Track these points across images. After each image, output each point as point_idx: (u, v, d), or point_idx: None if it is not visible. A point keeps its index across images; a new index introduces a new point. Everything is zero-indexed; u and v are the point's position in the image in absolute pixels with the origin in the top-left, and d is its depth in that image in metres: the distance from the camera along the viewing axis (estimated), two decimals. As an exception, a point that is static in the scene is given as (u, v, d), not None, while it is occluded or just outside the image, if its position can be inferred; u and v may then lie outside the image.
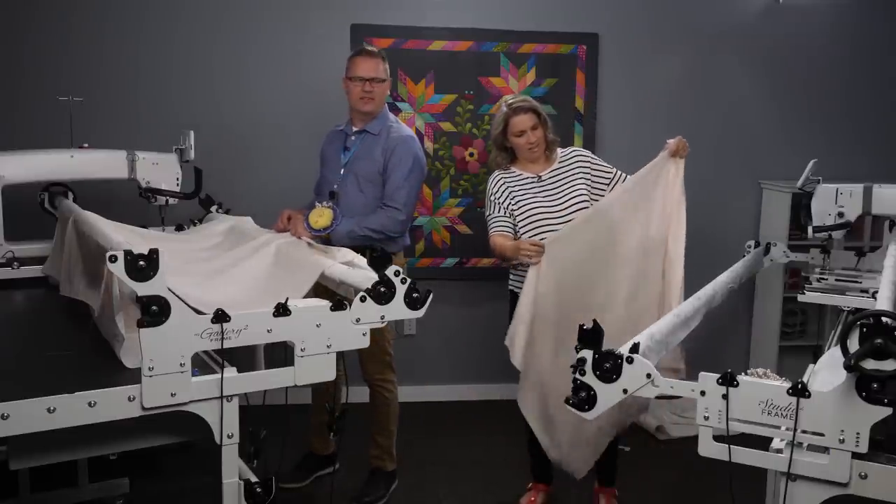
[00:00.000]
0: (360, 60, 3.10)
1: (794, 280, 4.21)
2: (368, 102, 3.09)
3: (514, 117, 3.02)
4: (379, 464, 3.30)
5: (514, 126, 3.02)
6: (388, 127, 3.14)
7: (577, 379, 1.78)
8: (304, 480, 3.40)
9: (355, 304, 2.04)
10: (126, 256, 1.76)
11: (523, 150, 3.05)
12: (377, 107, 3.13)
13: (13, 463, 1.92)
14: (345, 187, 3.09)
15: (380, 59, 3.12)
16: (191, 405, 1.87)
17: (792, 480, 1.64)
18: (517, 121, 3.01)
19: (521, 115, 3.01)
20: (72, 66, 3.93)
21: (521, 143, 3.03)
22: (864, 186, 3.08)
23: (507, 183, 3.08)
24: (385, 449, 3.28)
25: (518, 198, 3.04)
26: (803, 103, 4.45)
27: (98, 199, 3.20)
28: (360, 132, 3.15)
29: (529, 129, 3.01)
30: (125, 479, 3.10)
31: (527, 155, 3.07)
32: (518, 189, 3.05)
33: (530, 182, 3.06)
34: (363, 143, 3.12)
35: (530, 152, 3.05)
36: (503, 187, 3.07)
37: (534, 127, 3.02)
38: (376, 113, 3.14)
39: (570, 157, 3.11)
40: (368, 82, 3.07)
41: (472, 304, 4.37)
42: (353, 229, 2.94)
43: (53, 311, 2.59)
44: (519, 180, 3.08)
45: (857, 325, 1.56)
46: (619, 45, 4.28)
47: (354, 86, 3.09)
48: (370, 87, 3.07)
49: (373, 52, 3.14)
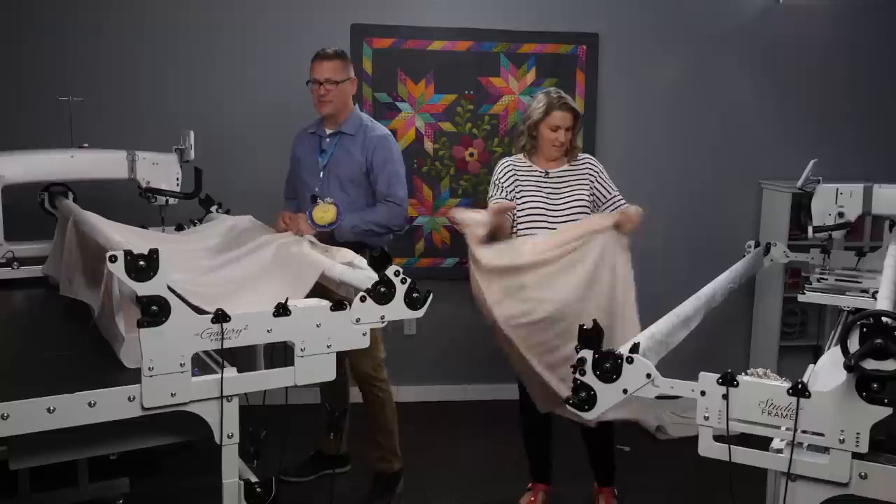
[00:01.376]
0: (314, 64, 3.09)
1: (794, 280, 4.20)
2: (325, 105, 3.08)
3: (558, 111, 3.00)
4: (383, 466, 3.26)
5: (553, 118, 3.00)
6: (363, 127, 3.14)
7: (577, 379, 1.78)
8: (308, 476, 3.43)
9: (355, 304, 2.04)
10: (126, 256, 1.76)
11: (547, 144, 3.04)
12: (336, 108, 3.11)
13: (13, 463, 1.91)
14: (325, 190, 3.09)
15: (337, 60, 3.09)
16: (191, 405, 1.88)
17: (792, 480, 1.64)
18: (559, 115, 3.00)
19: (564, 112, 3.01)
20: (72, 66, 3.93)
21: (550, 138, 3.02)
22: (864, 186, 3.07)
23: (516, 171, 3.08)
24: (389, 449, 3.26)
25: (522, 188, 3.05)
26: (803, 103, 4.45)
27: (98, 199, 3.20)
28: (335, 134, 3.15)
29: (565, 128, 3.01)
30: (125, 479, 3.10)
31: (547, 151, 3.05)
32: (524, 179, 3.06)
33: (537, 175, 3.07)
34: (340, 144, 3.12)
35: (552, 149, 3.04)
36: (510, 174, 3.08)
37: (568, 128, 3.02)
38: (339, 114, 3.13)
39: (581, 162, 3.12)
40: (322, 85, 3.06)
41: (472, 304, 4.35)
42: (358, 224, 2.95)
43: (53, 311, 2.59)
44: (527, 171, 3.08)
45: (857, 325, 1.56)
46: (619, 45, 4.28)
47: (312, 89, 3.09)
48: (324, 91, 3.06)
49: (328, 54, 3.10)
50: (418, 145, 4.18)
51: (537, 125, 3.04)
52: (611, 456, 3.17)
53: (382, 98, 4.14)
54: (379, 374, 3.21)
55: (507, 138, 4.22)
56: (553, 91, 3.08)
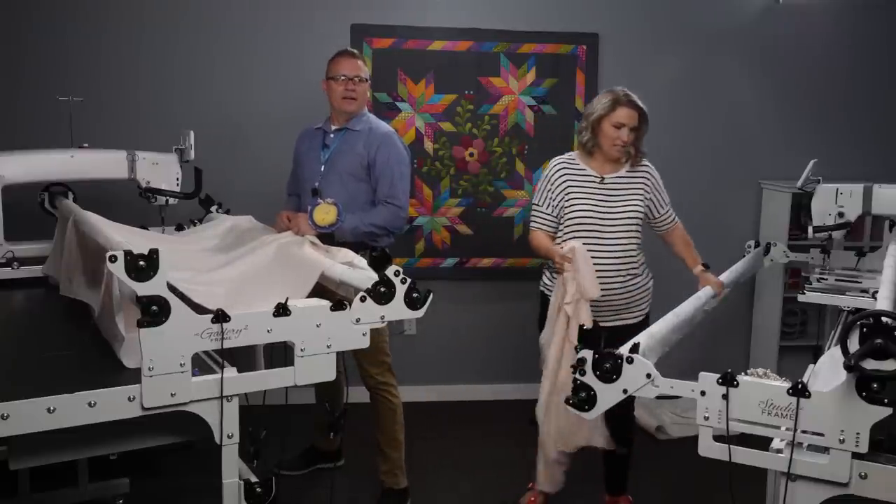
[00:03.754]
0: (342, 60, 3.11)
1: (794, 280, 4.21)
2: (351, 102, 3.09)
3: (624, 107, 2.90)
4: (391, 481, 3.21)
5: (617, 115, 2.89)
6: (368, 123, 3.15)
7: (576, 379, 1.78)
8: (303, 469, 3.45)
9: (355, 304, 2.04)
10: (126, 256, 1.76)
11: (609, 142, 2.92)
12: (360, 107, 3.13)
13: (13, 463, 1.91)
14: (327, 184, 3.08)
15: (361, 61, 3.15)
16: (191, 405, 1.87)
17: (792, 480, 1.64)
18: (624, 112, 2.89)
19: (630, 109, 2.90)
20: (72, 66, 3.93)
21: (613, 136, 2.90)
22: (864, 186, 3.08)
23: (568, 176, 2.98)
24: (395, 463, 3.20)
25: (573, 195, 2.96)
26: (803, 103, 4.45)
27: (98, 199, 3.20)
28: (341, 129, 3.15)
29: (629, 127, 2.91)
30: (125, 479, 3.10)
31: (608, 149, 2.94)
32: (576, 185, 2.97)
33: (591, 181, 2.97)
34: (344, 139, 3.12)
35: (613, 148, 2.92)
36: (562, 180, 2.98)
37: (633, 128, 2.91)
38: (358, 113, 3.15)
39: (639, 170, 3.02)
40: (351, 81, 3.07)
41: (472, 304, 4.37)
42: (358, 225, 2.95)
43: (53, 311, 2.59)
44: (581, 176, 2.98)
45: (857, 325, 1.56)
46: (619, 45, 4.28)
47: (337, 85, 3.08)
48: (353, 87, 3.07)
49: (355, 53, 3.17)
50: (418, 145, 4.18)
51: (601, 121, 2.92)
52: (623, 464, 3.17)
53: (382, 98, 4.14)
54: (388, 378, 3.18)
55: (507, 138, 4.23)
56: (620, 88, 2.96)
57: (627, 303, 3.01)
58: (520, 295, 4.29)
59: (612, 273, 2.94)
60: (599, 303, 2.87)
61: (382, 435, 3.20)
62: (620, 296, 2.98)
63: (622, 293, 2.98)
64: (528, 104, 4.23)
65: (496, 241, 4.29)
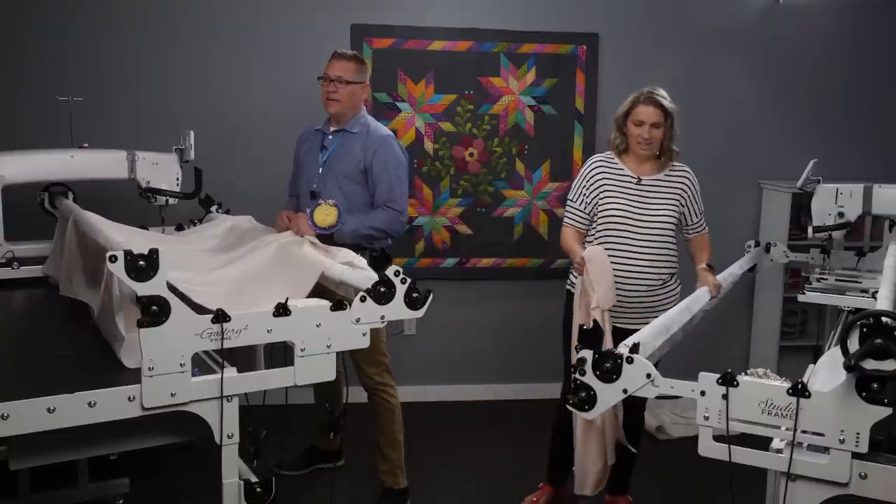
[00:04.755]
0: (330, 61, 3.10)
1: (794, 280, 4.21)
2: (332, 104, 3.07)
3: (642, 105, 2.91)
4: (391, 481, 3.21)
5: (637, 113, 2.91)
6: (366, 126, 3.13)
7: (576, 379, 1.78)
8: (303, 469, 3.45)
9: (355, 304, 2.04)
10: (126, 256, 1.76)
11: (633, 140, 2.93)
12: (342, 109, 3.09)
13: (13, 463, 1.92)
14: (324, 186, 3.08)
15: (352, 62, 3.09)
16: (191, 405, 1.88)
17: (792, 480, 1.64)
18: (642, 109, 2.91)
19: (648, 106, 2.90)
20: (72, 66, 3.92)
21: (635, 134, 2.91)
22: (864, 186, 3.08)
23: (605, 175, 2.98)
24: (395, 463, 3.20)
25: (609, 194, 2.96)
26: (803, 103, 4.45)
27: (98, 199, 3.20)
28: (338, 131, 3.14)
29: (650, 123, 2.90)
30: (125, 479, 3.10)
31: (634, 147, 2.95)
32: (612, 185, 2.96)
33: (628, 182, 2.96)
34: (341, 141, 3.12)
35: (639, 146, 2.93)
36: (599, 179, 2.98)
37: (655, 124, 2.90)
38: (344, 115, 3.11)
39: (677, 174, 3.01)
40: (332, 82, 3.05)
41: (471, 304, 4.37)
42: (358, 228, 2.94)
43: (53, 311, 2.59)
44: (618, 175, 2.98)
45: (857, 325, 1.56)
46: (619, 45, 4.28)
47: (323, 86, 3.09)
48: (333, 88, 3.05)
49: (345, 55, 3.11)
50: (418, 145, 4.18)
51: (625, 119, 2.96)
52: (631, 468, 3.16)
53: (382, 98, 4.14)
54: (386, 378, 3.18)
55: (507, 138, 4.23)
56: (648, 88, 2.97)
57: (651, 307, 2.93)
58: (520, 295, 4.29)
59: (639, 276, 2.91)
60: (623, 304, 2.87)
61: (381, 435, 3.20)
62: (645, 300, 2.94)
63: (648, 296, 2.94)
64: (528, 104, 4.23)
65: (496, 241, 4.29)
